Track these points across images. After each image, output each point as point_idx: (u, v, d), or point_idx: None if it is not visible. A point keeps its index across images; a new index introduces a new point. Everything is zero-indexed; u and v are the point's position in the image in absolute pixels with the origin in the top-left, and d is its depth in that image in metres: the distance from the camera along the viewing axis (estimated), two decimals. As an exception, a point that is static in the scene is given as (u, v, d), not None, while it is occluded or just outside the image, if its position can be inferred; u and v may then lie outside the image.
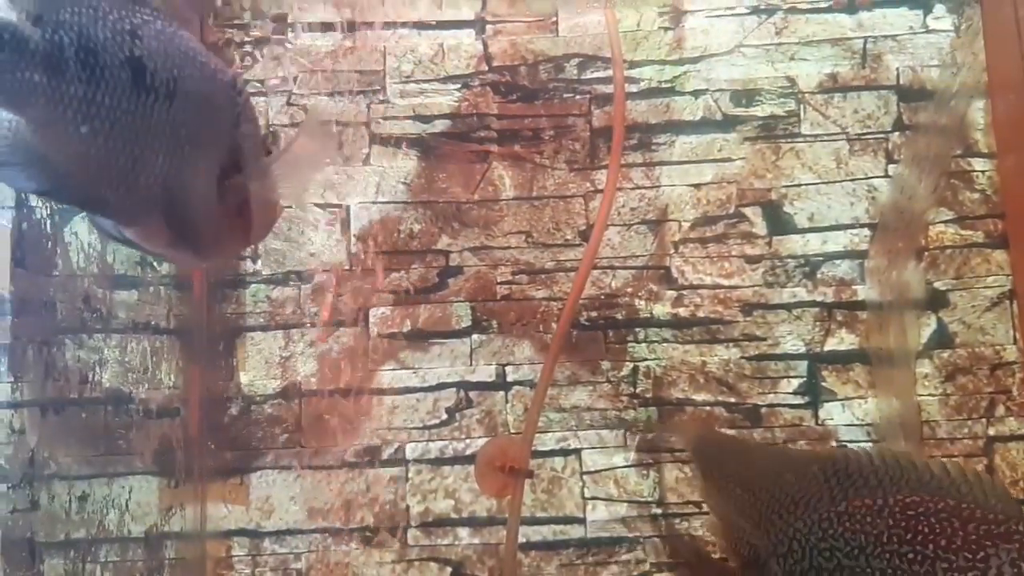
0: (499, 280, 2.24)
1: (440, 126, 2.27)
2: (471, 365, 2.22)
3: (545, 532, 2.17)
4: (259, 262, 2.26)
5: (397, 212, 2.25)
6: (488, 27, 2.29)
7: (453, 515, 2.19)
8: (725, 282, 2.21)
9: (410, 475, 2.20)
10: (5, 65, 1.05)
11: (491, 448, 2.03)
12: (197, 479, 2.21)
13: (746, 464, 1.38)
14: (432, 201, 2.26)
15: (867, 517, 1.27)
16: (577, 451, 2.19)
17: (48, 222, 1.80)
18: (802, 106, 2.24)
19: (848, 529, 1.28)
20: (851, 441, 2.13)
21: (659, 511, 2.15)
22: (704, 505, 2.13)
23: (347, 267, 2.24)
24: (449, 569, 2.17)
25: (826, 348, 2.18)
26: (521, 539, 2.12)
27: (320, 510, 2.20)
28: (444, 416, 2.21)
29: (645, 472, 2.17)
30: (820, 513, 1.31)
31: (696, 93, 2.25)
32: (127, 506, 2.11)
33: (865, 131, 2.22)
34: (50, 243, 1.82)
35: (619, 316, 2.22)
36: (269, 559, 2.20)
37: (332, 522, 2.20)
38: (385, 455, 2.21)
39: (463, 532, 2.18)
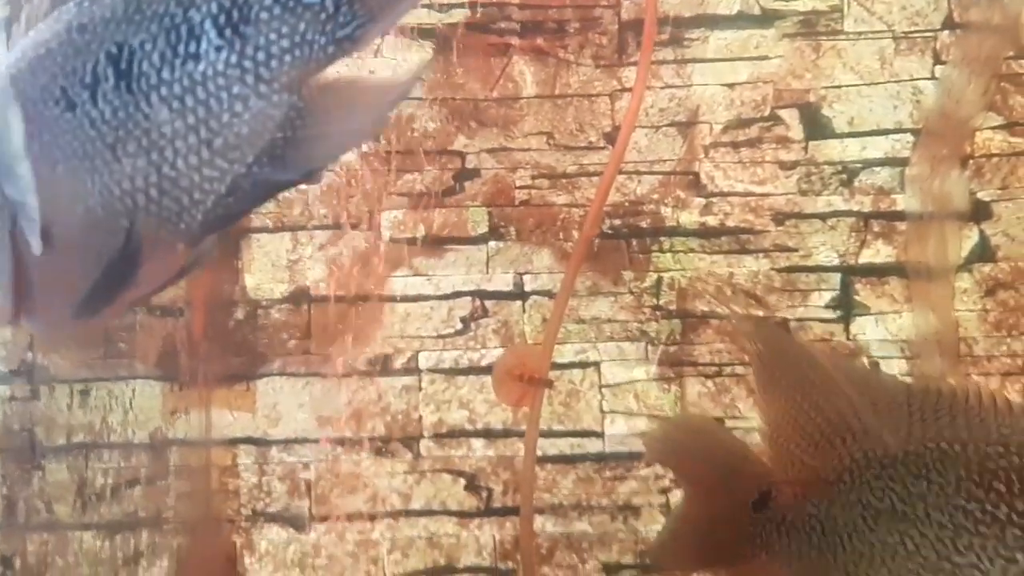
0: (518, 184, 2.13)
1: (457, 16, 2.13)
2: (487, 273, 2.13)
3: (562, 445, 2.11)
4: (265, 160, 2.15)
5: (410, 109, 2.13)
6: (510, -91, 2.13)
7: (467, 426, 2.12)
8: (757, 189, 2.10)
9: (423, 385, 2.13)
10: None
11: (510, 357, 1.96)
12: (201, 384, 2.14)
13: (820, 378, 1.28)
14: (448, 98, 2.13)
15: (938, 462, 1.18)
16: (596, 363, 2.11)
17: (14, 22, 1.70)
18: (846, 1, 2.09)
19: (911, 472, 1.20)
20: (884, 358, 2.05)
21: (680, 426, 2.08)
22: (728, 421, 2.07)
23: (356, 167, 2.13)
24: (463, 481, 2.12)
25: (861, 260, 2.08)
26: (537, 452, 2.06)
27: (329, 419, 2.14)
28: (459, 325, 2.13)
29: (666, 386, 2.10)
30: (887, 448, 1.22)
31: (733, -15, 2.11)
32: (131, 405, 2.05)
33: (912, 29, 2.08)
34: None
35: (644, 224, 2.12)
36: (276, 468, 2.15)
37: (342, 431, 2.13)
38: (397, 364, 2.13)
39: (477, 444, 2.12)
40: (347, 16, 1.00)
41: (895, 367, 2.05)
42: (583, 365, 2.11)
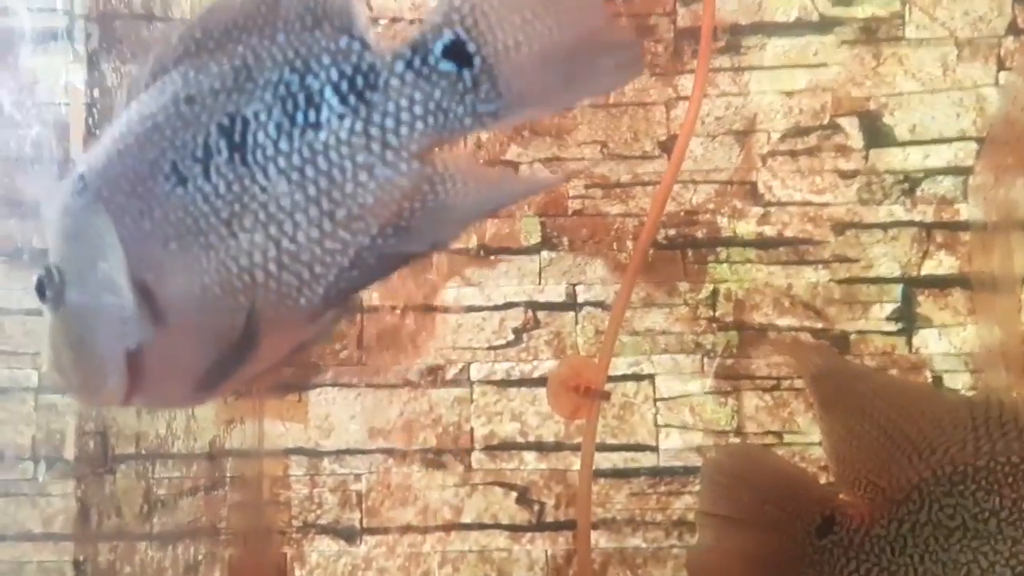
0: (571, 194, 2.11)
1: None
2: (540, 284, 2.11)
3: (615, 459, 2.07)
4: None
5: (463, 119, 2.11)
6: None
7: (519, 439, 2.10)
8: (816, 199, 2.06)
9: (475, 396, 2.11)
10: None
11: (565, 368, 1.93)
12: (255, 394, 2.14)
13: (880, 398, 1.26)
14: (501, 107, 2.12)
15: (1010, 477, 1.15)
16: (651, 376, 2.08)
17: (118, 92, 1.71)
18: (907, 7, 2.05)
19: (983, 488, 1.17)
20: (947, 372, 2.00)
21: (737, 441, 2.04)
22: (786, 436, 2.03)
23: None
24: (515, 494, 2.10)
25: (923, 271, 2.03)
26: (591, 466, 2.03)
27: (381, 430, 2.12)
28: (511, 336, 2.11)
29: (723, 400, 2.06)
30: (955, 464, 1.19)
31: (791, -9, 2.08)
32: (193, 413, 2.06)
33: (976, 35, 2.03)
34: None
35: (699, 234, 2.09)
36: (328, 479, 2.14)
37: (393, 443, 2.12)
38: (449, 375, 2.12)
39: (529, 456, 2.10)
40: (489, 93, 0.95)
41: (959, 381, 2.00)
42: (637, 378, 2.08)
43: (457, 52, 0.95)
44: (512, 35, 0.96)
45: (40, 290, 1.01)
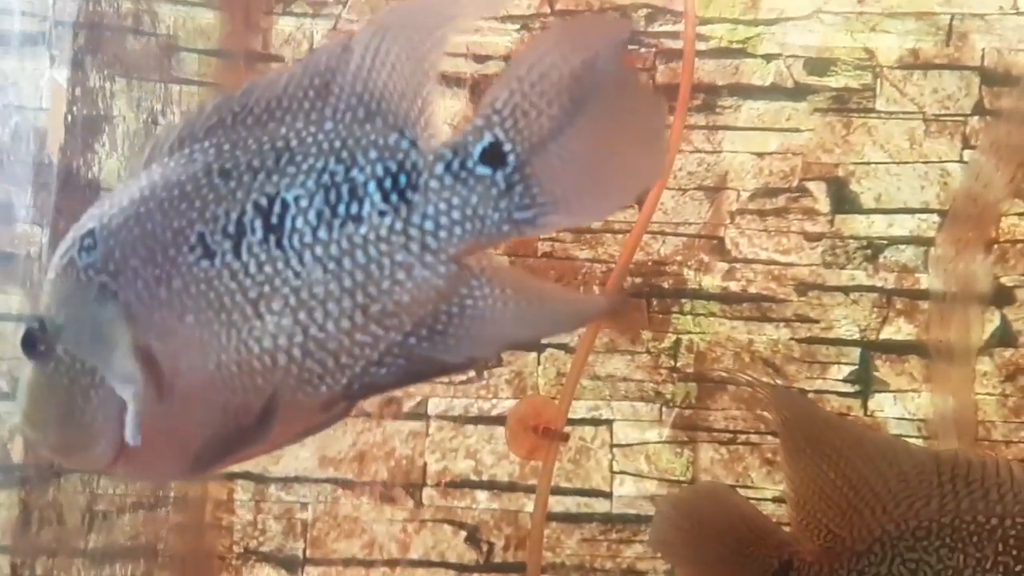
0: (541, 236, 2.12)
1: (493, 67, 2.14)
2: (505, 322, 2.10)
3: (568, 503, 2.06)
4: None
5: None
6: (554, -33, 2.16)
7: (473, 477, 2.08)
8: (781, 258, 2.10)
9: (431, 431, 2.09)
10: None
11: (525, 406, 1.92)
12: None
13: (848, 448, 1.26)
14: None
15: (974, 536, 1.15)
16: (609, 422, 2.08)
17: (101, 93, 1.69)
18: (879, 80, 2.12)
19: (947, 545, 1.17)
20: (901, 436, 2.02)
21: (691, 492, 2.04)
22: (740, 490, 2.03)
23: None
24: (464, 533, 2.07)
25: (882, 336, 2.07)
26: (543, 508, 2.01)
27: (332, 459, 2.09)
28: (471, 373, 2.10)
29: (679, 450, 2.06)
30: (920, 519, 1.19)
31: (768, 57, 2.13)
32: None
33: (943, 112, 2.10)
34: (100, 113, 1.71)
35: (665, 285, 2.11)
36: (273, 506, 2.09)
37: (344, 473, 2.08)
38: (406, 407, 2.09)
39: (481, 495, 2.07)
40: (524, 197, 0.93)
41: (911, 447, 2.02)
42: (595, 423, 2.08)
43: (494, 155, 0.94)
44: (549, 128, 0.94)
45: (28, 342, 0.96)
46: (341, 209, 0.93)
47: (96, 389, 0.95)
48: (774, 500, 1.92)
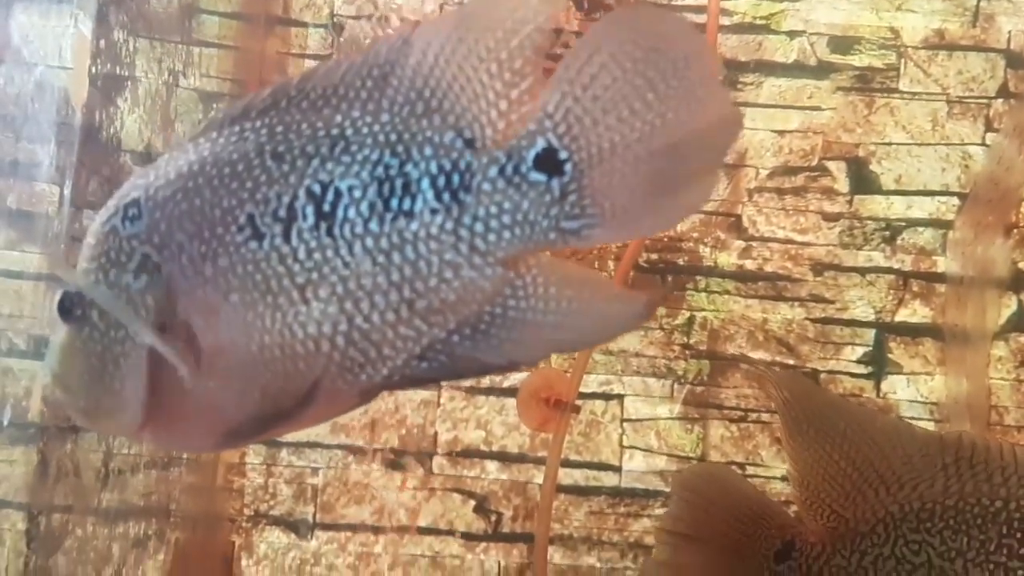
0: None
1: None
2: (519, 294, 2.10)
3: (577, 476, 2.07)
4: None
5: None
6: (578, -62, 2.15)
7: (483, 447, 2.08)
8: (798, 237, 2.09)
9: (442, 401, 2.10)
10: None
11: (537, 378, 1.92)
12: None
13: (852, 429, 1.26)
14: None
15: (978, 518, 1.15)
16: (620, 396, 2.08)
17: (124, 48, 1.68)
18: (903, 60, 2.10)
19: (951, 527, 1.17)
20: (912, 419, 2.01)
21: (700, 468, 2.04)
22: (749, 468, 2.03)
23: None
24: (472, 502, 2.08)
25: (897, 318, 2.06)
26: (552, 480, 2.02)
27: (344, 426, 2.10)
28: (485, 344, 2.10)
29: (689, 426, 2.07)
30: (924, 501, 1.19)
31: (792, 34, 2.11)
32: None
33: (967, 94, 2.08)
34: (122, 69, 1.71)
35: (681, 261, 2.10)
36: (284, 471, 2.11)
37: (355, 439, 2.09)
38: (419, 377, 2.10)
39: (491, 466, 2.08)
40: (574, 208, 0.92)
41: (923, 430, 2.02)
42: (606, 397, 2.08)
43: (548, 161, 0.93)
44: (607, 138, 0.92)
45: (64, 307, 0.97)
46: (394, 203, 0.93)
47: (127, 358, 0.96)
48: (783, 479, 1.92)
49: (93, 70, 1.65)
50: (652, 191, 0.93)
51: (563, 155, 0.92)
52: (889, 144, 2.09)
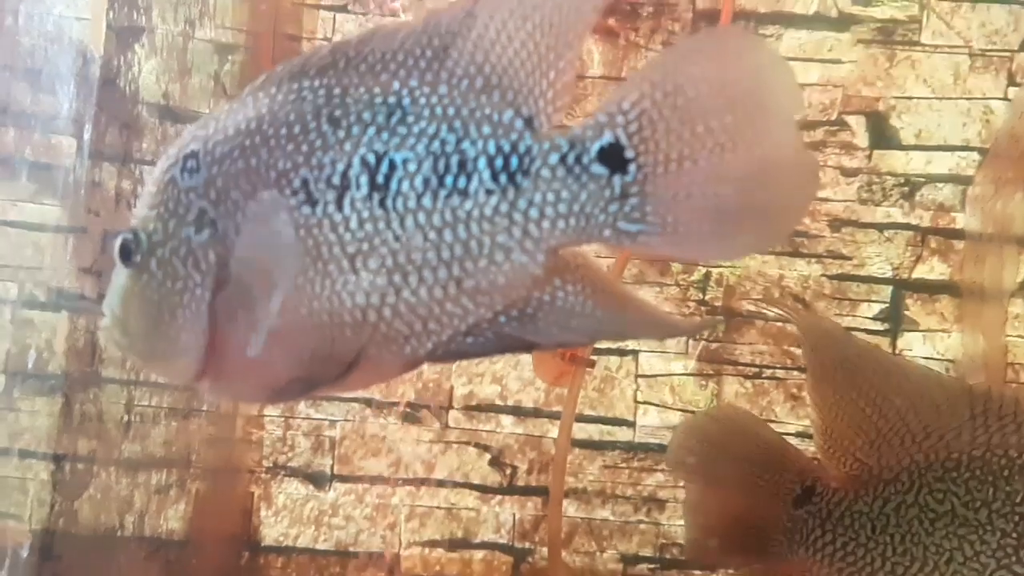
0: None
1: None
2: (534, 249, 2.10)
3: (592, 431, 2.08)
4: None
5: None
6: None
7: (498, 401, 2.10)
8: (816, 193, 2.07)
9: (458, 355, 2.11)
10: None
11: (552, 335, 1.93)
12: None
13: (879, 376, 1.25)
14: (514, 70, 2.11)
15: (1006, 470, 1.15)
16: (634, 352, 2.09)
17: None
18: (926, 12, 2.06)
19: (977, 477, 1.17)
20: (928, 375, 2.01)
21: (714, 423, 2.05)
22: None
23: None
24: (488, 456, 2.10)
25: (914, 275, 2.05)
26: (567, 434, 2.04)
27: (360, 380, 2.11)
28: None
29: (704, 382, 2.07)
30: (950, 451, 1.19)
31: (813, -15, 2.08)
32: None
33: (990, 47, 2.05)
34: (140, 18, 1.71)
35: (697, 216, 2.09)
36: (303, 423, 2.13)
37: (372, 393, 2.11)
38: (434, 331, 2.11)
39: (506, 420, 2.10)
40: (634, 211, 0.90)
41: (938, 386, 2.01)
42: (621, 353, 2.09)
43: (613, 156, 0.90)
44: (676, 149, 0.89)
45: (125, 252, 0.97)
46: (448, 180, 0.92)
47: (187, 308, 0.96)
48: (797, 435, 1.92)
49: (111, 13, 1.64)
50: (718, 217, 0.91)
51: (629, 153, 0.90)
52: (910, 98, 2.07)
